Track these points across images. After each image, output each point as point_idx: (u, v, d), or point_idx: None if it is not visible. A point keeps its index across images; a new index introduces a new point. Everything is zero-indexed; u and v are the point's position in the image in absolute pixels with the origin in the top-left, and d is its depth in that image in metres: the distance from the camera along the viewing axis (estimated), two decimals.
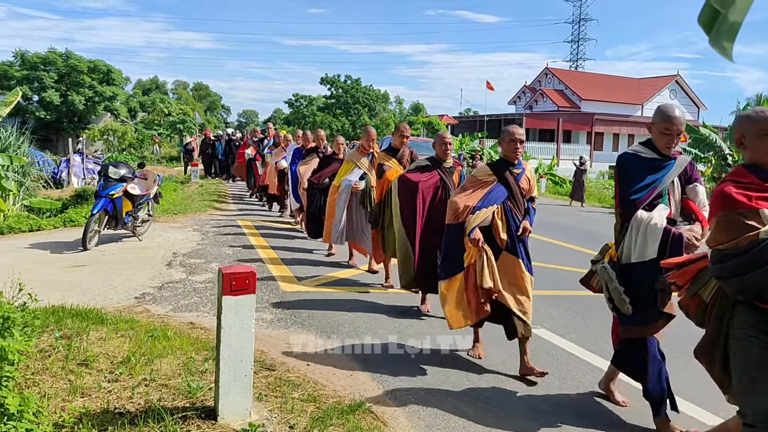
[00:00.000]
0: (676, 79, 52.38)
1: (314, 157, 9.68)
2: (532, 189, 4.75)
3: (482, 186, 4.60)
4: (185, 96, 79.42)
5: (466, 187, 4.70)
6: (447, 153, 5.83)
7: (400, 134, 6.93)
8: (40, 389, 3.56)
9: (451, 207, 4.64)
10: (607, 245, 3.90)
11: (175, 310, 5.91)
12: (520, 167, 4.68)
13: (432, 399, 4.10)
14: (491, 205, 4.53)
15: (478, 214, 4.48)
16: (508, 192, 4.59)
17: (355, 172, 7.72)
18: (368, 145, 7.70)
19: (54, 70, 40.65)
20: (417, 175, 5.79)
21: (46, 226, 10.57)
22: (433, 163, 5.83)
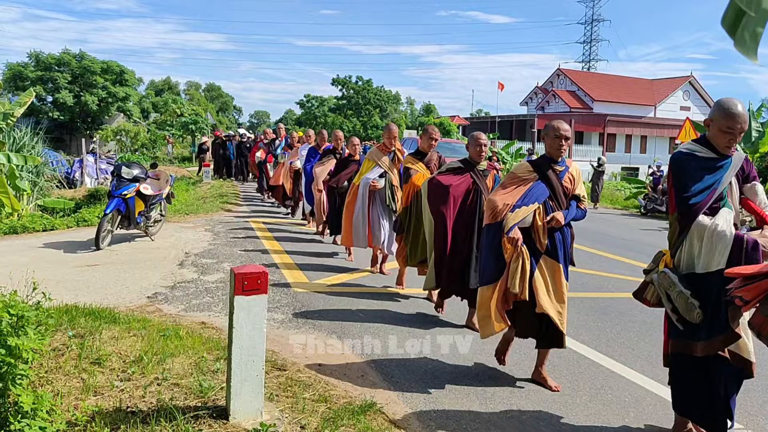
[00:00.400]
0: (689, 80, 52.03)
1: (331, 158, 9.41)
2: (576, 187, 4.43)
3: (522, 183, 4.31)
4: (197, 97, 79.75)
5: (504, 184, 4.38)
6: (481, 155, 5.52)
7: (428, 137, 6.58)
8: (54, 388, 3.59)
9: (489, 206, 4.35)
10: (661, 252, 3.60)
11: (187, 310, 5.93)
12: (563, 165, 4.38)
13: (443, 400, 4.09)
14: (531, 204, 4.23)
15: (517, 212, 4.21)
16: (549, 191, 4.30)
17: (375, 170, 7.45)
18: (390, 143, 7.40)
19: (68, 71, 40.98)
20: (448, 177, 5.53)
21: (59, 226, 10.65)
22: (466, 166, 5.55)
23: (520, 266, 4.15)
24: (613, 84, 52.59)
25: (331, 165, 9.22)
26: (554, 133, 4.27)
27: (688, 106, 50.52)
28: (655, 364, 4.82)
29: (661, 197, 18.14)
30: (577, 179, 4.45)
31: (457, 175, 5.52)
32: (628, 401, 4.24)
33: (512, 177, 4.37)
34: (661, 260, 3.55)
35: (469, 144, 5.62)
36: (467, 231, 5.44)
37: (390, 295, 6.77)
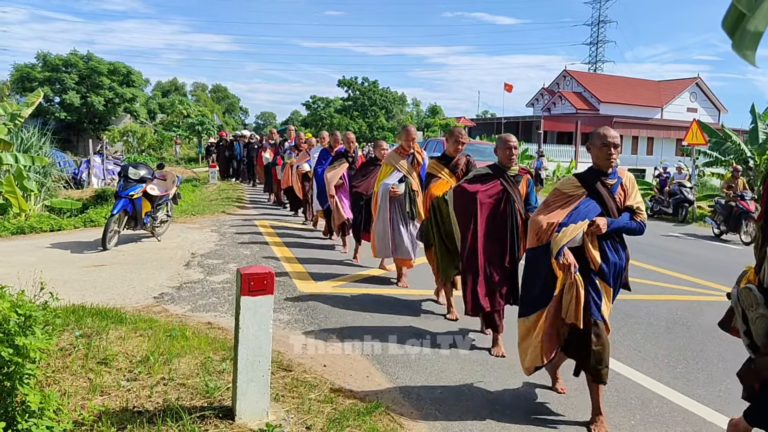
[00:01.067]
0: (696, 81, 51.87)
1: (343, 162, 8.97)
2: (629, 198, 3.89)
3: (568, 201, 3.84)
4: (204, 98, 80.00)
5: (548, 202, 3.92)
6: (511, 158, 4.96)
7: (455, 140, 5.91)
8: (61, 387, 3.61)
9: (533, 227, 3.90)
10: (745, 270, 3.20)
11: (193, 310, 5.95)
12: (614, 176, 3.89)
13: (449, 401, 4.09)
14: (581, 221, 3.76)
15: (564, 230, 3.72)
16: (601, 207, 3.81)
17: (394, 175, 6.98)
18: (408, 146, 7.00)
19: (75, 72, 41.17)
20: (476, 185, 5.00)
21: (66, 226, 10.70)
22: (495, 171, 5.02)
23: (574, 295, 3.69)
24: (620, 85, 52.47)
25: (342, 169, 8.91)
26: (601, 141, 3.86)
27: (695, 107, 50.35)
28: (662, 367, 4.81)
29: (668, 199, 18.07)
30: (630, 189, 3.93)
31: (485, 182, 5.00)
32: (634, 403, 4.24)
33: (557, 194, 3.92)
34: (744, 277, 3.15)
35: (497, 147, 5.05)
36: (500, 244, 4.94)
37: (396, 296, 6.77)
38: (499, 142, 5.04)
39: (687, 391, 4.46)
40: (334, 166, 9.05)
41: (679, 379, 4.71)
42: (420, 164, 7.02)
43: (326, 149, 9.95)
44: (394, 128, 54.18)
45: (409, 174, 6.99)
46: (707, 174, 25.38)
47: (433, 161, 6.07)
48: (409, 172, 7.00)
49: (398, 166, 6.99)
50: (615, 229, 3.80)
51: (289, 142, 14.25)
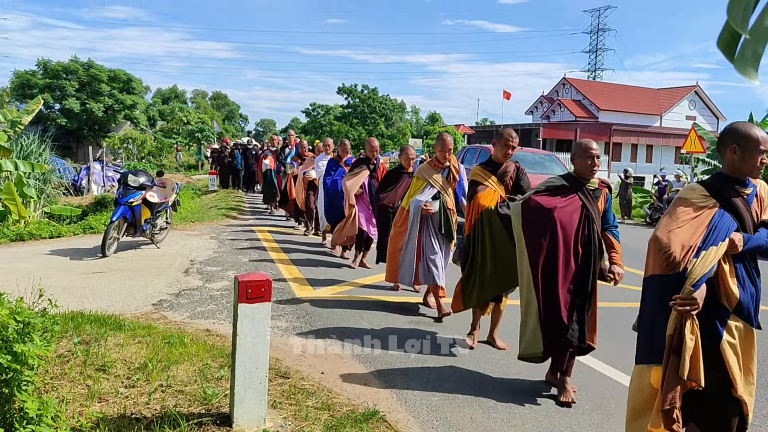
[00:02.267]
0: (695, 89, 51.98)
1: (364, 169, 8.31)
2: (765, 211, 3.14)
3: (699, 215, 3.03)
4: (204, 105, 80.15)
5: (675, 214, 3.07)
6: (593, 169, 4.22)
7: (504, 143, 5.22)
8: (59, 394, 3.62)
9: (660, 249, 3.00)
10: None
11: (191, 317, 5.96)
12: (750, 185, 3.14)
13: (446, 408, 4.10)
14: (721, 242, 2.94)
15: (704, 255, 2.90)
16: (737, 223, 3.04)
17: (427, 191, 6.19)
18: (443, 157, 6.19)
19: (75, 79, 41.22)
20: (550, 198, 4.24)
21: (66, 233, 10.71)
22: (572, 184, 4.26)
23: (695, 340, 2.86)
24: (619, 93, 52.58)
25: (363, 177, 8.30)
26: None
27: (693, 115, 50.43)
28: None
29: (666, 206, 18.09)
30: (766, 200, 3.21)
31: (562, 196, 4.24)
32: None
33: (684, 203, 3.10)
34: None
35: (575, 155, 4.30)
36: (577, 273, 4.19)
37: (394, 303, 6.78)
38: (578, 149, 4.29)
39: None
40: (354, 173, 8.39)
41: None
42: (456, 180, 6.28)
43: (334, 159, 9.44)
44: (394, 135, 54.23)
45: (444, 190, 6.21)
46: None
47: (478, 168, 5.34)
48: (444, 188, 6.21)
49: (432, 180, 6.20)
50: (753, 248, 3.02)
51: (289, 148, 13.55)
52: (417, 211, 6.14)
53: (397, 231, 6.36)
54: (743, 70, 1.27)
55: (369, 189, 8.32)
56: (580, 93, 51.30)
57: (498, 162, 5.32)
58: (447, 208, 6.16)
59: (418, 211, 6.13)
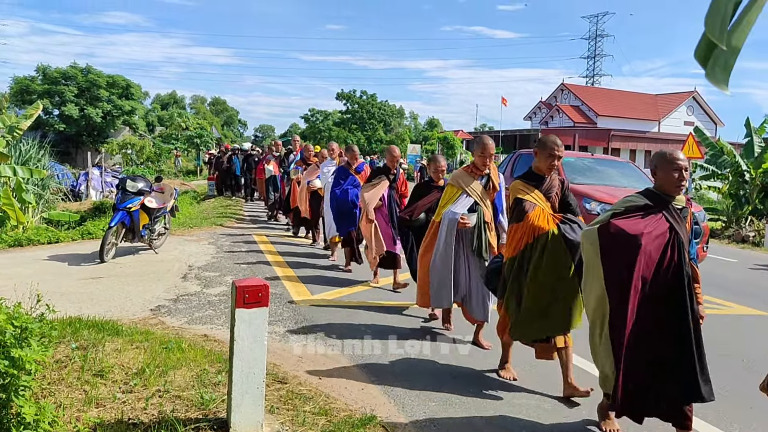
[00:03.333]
0: (693, 95, 52.11)
1: (383, 179, 7.55)
2: None
3: None
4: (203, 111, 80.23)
5: None
6: (681, 184, 3.55)
7: (548, 153, 4.37)
8: (56, 399, 3.62)
9: None
10: None
11: (189, 323, 5.96)
12: None
13: (444, 414, 4.10)
14: None
15: None
16: None
17: (462, 201, 5.32)
18: (483, 163, 5.30)
19: (74, 85, 41.28)
20: (635, 221, 3.52)
21: (64, 239, 10.71)
22: (656, 202, 3.58)
23: None
24: (617, 99, 52.72)
25: (383, 188, 7.54)
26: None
27: (692, 121, 50.49)
28: None
29: None
30: None
31: (646, 218, 3.54)
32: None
33: None
34: None
35: (657, 167, 3.61)
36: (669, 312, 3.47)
37: (392, 308, 6.78)
38: (662, 160, 3.60)
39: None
40: (373, 183, 7.60)
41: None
42: (496, 190, 5.46)
43: (344, 167, 8.77)
44: (392, 141, 54.32)
45: (482, 201, 5.35)
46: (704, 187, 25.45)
47: (519, 182, 4.48)
48: (482, 198, 5.36)
49: (469, 189, 5.32)
50: None
51: (294, 154, 12.82)
52: (452, 224, 5.23)
53: (428, 247, 5.48)
54: (715, 79, 1.30)
55: (389, 201, 7.63)
56: (578, 99, 51.42)
57: (540, 174, 4.48)
58: (485, 221, 5.31)
59: (453, 224, 5.23)
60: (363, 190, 7.67)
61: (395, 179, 7.71)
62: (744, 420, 4.19)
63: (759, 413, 4.32)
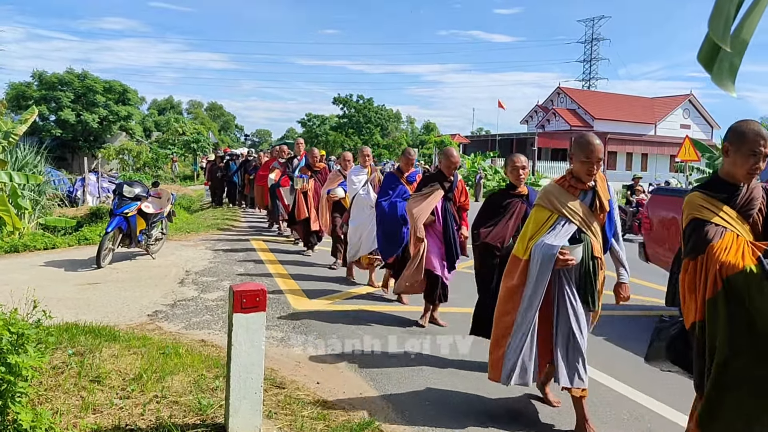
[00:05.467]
0: (689, 98, 52.29)
1: (436, 189, 6.14)
2: None
3: None
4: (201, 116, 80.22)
5: None
6: None
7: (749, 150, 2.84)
8: (53, 405, 3.60)
9: None
10: None
11: (187, 328, 5.94)
12: None
13: (442, 418, 4.09)
14: None
15: None
16: None
17: (561, 228, 3.79)
18: (588, 172, 3.76)
19: (71, 91, 41.25)
20: None
21: (60, 244, 10.69)
22: None
23: None
24: (614, 102, 52.84)
25: (436, 200, 6.14)
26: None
27: (688, 124, 50.71)
28: (655, 383, 4.82)
29: None
30: None
31: None
32: (627, 419, 4.24)
33: None
34: None
35: None
36: None
37: (389, 313, 6.78)
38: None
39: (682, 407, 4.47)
40: (423, 194, 6.19)
41: (674, 395, 4.72)
42: (605, 211, 3.89)
43: (394, 174, 7.21)
44: (389, 145, 54.36)
45: (588, 227, 3.81)
46: None
47: (697, 195, 2.96)
48: (588, 223, 3.82)
49: (568, 211, 3.79)
50: None
51: (298, 159, 11.51)
52: (547, 262, 3.69)
53: (508, 293, 3.93)
54: (721, 82, 1.29)
55: (443, 215, 6.22)
56: (575, 102, 51.53)
57: (733, 183, 2.96)
58: (594, 257, 3.83)
59: (549, 262, 3.68)
60: (411, 202, 6.27)
61: (452, 188, 6.28)
62: None
63: None
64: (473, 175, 32.32)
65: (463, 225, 6.40)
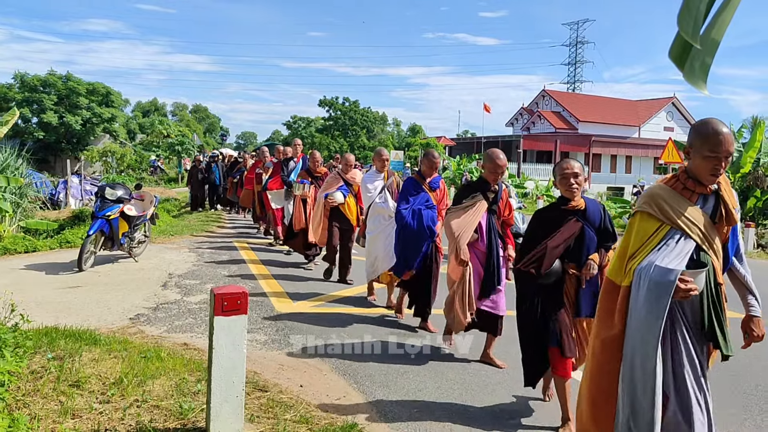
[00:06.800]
0: (672, 101, 52.79)
1: (479, 200, 5.09)
2: None
3: None
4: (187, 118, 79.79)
5: None
6: None
7: None
8: (31, 411, 3.55)
9: None
10: None
11: (169, 331, 5.89)
12: None
13: (426, 419, 4.08)
14: None
15: None
16: None
17: (675, 244, 2.81)
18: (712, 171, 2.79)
19: (54, 93, 40.90)
20: None
21: (42, 248, 10.56)
22: None
23: None
24: (598, 105, 53.21)
25: (479, 213, 5.08)
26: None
27: (671, 126, 51.17)
28: None
29: None
30: None
31: None
32: None
33: None
34: None
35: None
36: None
37: (373, 315, 6.76)
38: None
39: None
40: (464, 206, 5.11)
41: None
42: (733, 222, 2.95)
43: (415, 180, 6.37)
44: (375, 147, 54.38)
45: (710, 244, 2.87)
46: None
47: None
48: (709, 240, 2.87)
49: (684, 222, 2.83)
50: None
51: (295, 162, 10.60)
52: (663, 291, 2.68)
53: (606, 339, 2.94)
54: (693, 80, 1.29)
55: (488, 232, 5.17)
56: (560, 105, 51.84)
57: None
58: (717, 283, 2.88)
59: (666, 291, 2.67)
60: (450, 215, 5.13)
61: (497, 199, 5.25)
62: None
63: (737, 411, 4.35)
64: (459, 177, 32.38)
65: (509, 243, 5.41)
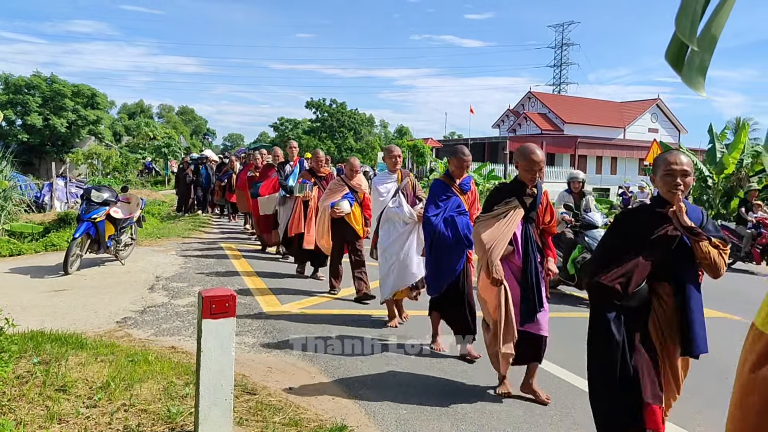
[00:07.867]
0: (657, 103, 53.23)
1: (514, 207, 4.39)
2: None
3: None
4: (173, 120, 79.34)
5: None
6: None
7: None
8: (16, 416, 3.51)
9: None
10: None
11: (156, 335, 5.86)
12: None
13: (415, 421, 4.08)
14: None
15: None
16: None
17: None
18: None
19: (38, 95, 40.53)
20: None
21: (27, 251, 10.46)
22: None
23: None
24: (584, 106, 53.54)
25: (514, 223, 4.34)
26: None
27: (656, 128, 51.58)
28: None
29: None
30: None
31: None
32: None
33: None
34: None
35: None
36: None
37: (361, 317, 6.75)
38: None
39: None
40: (496, 214, 4.37)
41: None
42: None
43: (444, 182, 5.46)
44: (362, 149, 54.33)
45: None
46: None
47: None
48: None
49: None
50: None
51: (292, 165, 9.75)
52: None
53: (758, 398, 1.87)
54: (690, 82, 1.29)
55: (524, 244, 4.41)
56: (545, 106, 52.11)
57: None
58: None
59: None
60: (480, 225, 4.38)
61: (535, 204, 4.47)
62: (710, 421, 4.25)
63: None
64: None
65: (550, 256, 4.56)
